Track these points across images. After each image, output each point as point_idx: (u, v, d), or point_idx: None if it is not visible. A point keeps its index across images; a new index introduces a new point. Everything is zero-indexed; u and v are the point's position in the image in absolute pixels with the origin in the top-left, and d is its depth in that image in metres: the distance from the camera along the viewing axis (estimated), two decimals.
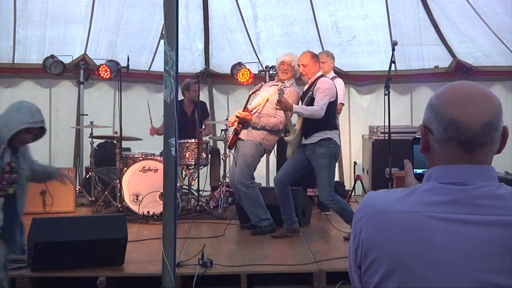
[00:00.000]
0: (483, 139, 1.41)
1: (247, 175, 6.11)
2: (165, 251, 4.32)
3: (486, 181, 1.41)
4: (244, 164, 6.11)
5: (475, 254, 1.35)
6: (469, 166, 1.42)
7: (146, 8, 8.80)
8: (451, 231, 1.38)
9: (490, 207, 1.38)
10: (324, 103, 5.61)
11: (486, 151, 1.43)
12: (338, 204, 5.80)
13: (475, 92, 1.45)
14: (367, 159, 8.58)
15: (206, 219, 6.89)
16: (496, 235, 1.35)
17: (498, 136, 1.44)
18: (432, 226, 1.39)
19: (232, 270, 4.70)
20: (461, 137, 1.41)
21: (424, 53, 9.24)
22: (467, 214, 1.38)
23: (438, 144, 1.46)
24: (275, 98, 5.85)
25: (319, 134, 5.67)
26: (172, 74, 4.40)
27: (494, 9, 8.24)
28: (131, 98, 8.94)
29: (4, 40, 9.02)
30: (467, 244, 1.36)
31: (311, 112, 5.62)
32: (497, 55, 8.86)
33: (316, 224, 6.75)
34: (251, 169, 6.18)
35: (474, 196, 1.39)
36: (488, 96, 1.45)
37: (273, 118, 6.08)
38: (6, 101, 9.17)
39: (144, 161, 6.99)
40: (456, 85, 1.51)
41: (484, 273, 1.34)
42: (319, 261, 4.93)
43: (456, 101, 1.44)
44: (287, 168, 5.95)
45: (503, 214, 1.36)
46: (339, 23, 9.07)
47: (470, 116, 1.40)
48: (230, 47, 9.56)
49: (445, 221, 1.39)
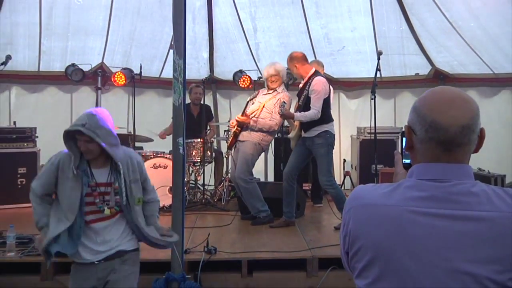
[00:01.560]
0: (461, 140, 1.43)
1: (246, 171, 6.12)
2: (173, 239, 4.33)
3: (462, 179, 1.43)
4: (244, 162, 6.12)
5: (450, 245, 1.38)
6: (447, 165, 1.44)
7: (157, 21, 8.79)
8: (429, 224, 1.40)
9: (465, 203, 1.40)
10: (319, 105, 5.67)
11: (463, 151, 1.45)
12: (336, 189, 5.84)
13: (454, 97, 1.47)
14: (355, 157, 8.58)
15: (211, 211, 6.90)
16: (469, 228, 1.38)
17: (475, 138, 1.45)
18: (412, 219, 1.42)
19: (234, 257, 4.72)
20: (440, 138, 1.43)
21: (406, 62, 9.24)
22: (444, 209, 1.40)
23: (420, 143, 1.48)
24: (270, 104, 6.07)
25: (316, 128, 5.72)
26: (180, 80, 4.41)
27: (467, 23, 8.24)
28: (143, 102, 8.93)
29: (31, 50, 9.01)
30: (443, 236, 1.38)
31: (309, 117, 5.67)
32: (471, 64, 8.85)
33: (309, 215, 6.74)
34: (250, 166, 6.19)
35: (451, 193, 1.41)
36: (466, 100, 1.48)
37: (269, 121, 6.09)
38: (32, 105, 9.28)
39: (155, 158, 6.98)
40: (437, 90, 1.53)
41: (458, 262, 1.36)
42: (312, 248, 4.95)
43: (437, 105, 1.46)
44: (292, 162, 5.96)
45: (477, 210, 1.39)
46: (330, 34, 9.08)
47: (449, 118, 1.42)
48: (232, 56, 9.55)
49: (424, 215, 1.41)
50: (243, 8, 8.99)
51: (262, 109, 6.11)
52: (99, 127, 3.23)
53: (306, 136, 5.79)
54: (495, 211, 1.38)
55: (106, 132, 3.25)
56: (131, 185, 3.35)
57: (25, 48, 8.97)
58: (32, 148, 7.39)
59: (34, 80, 9.32)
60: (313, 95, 5.68)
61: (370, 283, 1.48)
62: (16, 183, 7.18)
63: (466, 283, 1.35)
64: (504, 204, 1.40)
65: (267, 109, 6.11)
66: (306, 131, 5.78)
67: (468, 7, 8.03)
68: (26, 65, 9.08)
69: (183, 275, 4.32)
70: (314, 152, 5.79)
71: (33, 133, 7.48)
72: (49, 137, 8.16)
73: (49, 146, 7.95)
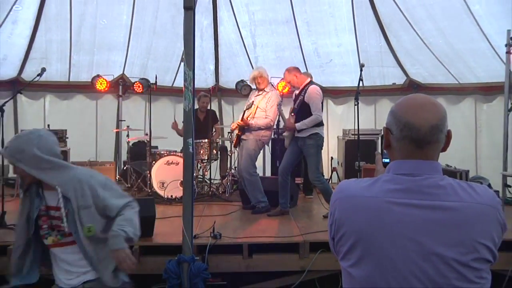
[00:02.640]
0: (430, 138, 1.47)
1: (250, 165, 6.11)
2: (184, 226, 4.31)
3: (432, 174, 1.46)
4: (248, 157, 6.11)
5: (421, 231, 1.41)
6: (419, 161, 1.48)
7: (170, 38, 8.77)
8: (403, 213, 1.43)
9: (434, 194, 1.43)
10: (319, 109, 5.68)
11: (433, 149, 1.49)
12: (323, 184, 5.82)
13: (425, 102, 1.51)
14: (341, 155, 8.56)
15: (216, 202, 6.89)
16: (438, 216, 1.41)
17: (443, 137, 1.49)
18: (389, 208, 1.45)
19: (236, 241, 4.70)
20: (413, 136, 1.46)
21: (385, 73, 9.22)
22: (416, 200, 1.43)
23: (396, 141, 1.51)
24: (262, 104, 6.09)
25: (309, 129, 5.68)
26: (190, 89, 4.39)
27: (437, 40, 8.24)
28: (158, 108, 8.90)
29: (62, 64, 9.02)
30: (415, 223, 1.42)
31: (311, 123, 5.66)
32: (440, 75, 8.83)
33: (301, 205, 6.73)
34: (253, 160, 6.18)
35: (422, 185, 1.44)
36: (435, 105, 1.52)
37: (265, 119, 6.07)
38: (63, 110, 9.32)
39: (168, 156, 6.96)
40: (411, 96, 1.56)
41: (428, 246, 1.39)
42: (304, 234, 4.93)
43: (410, 108, 1.49)
44: (286, 160, 5.94)
45: (444, 200, 1.43)
46: (319, 49, 9.06)
47: (420, 119, 1.46)
48: (235, 68, 9.54)
49: (399, 205, 1.44)
50: (244, 26, 8.97)
51: (256, 110, 6.10)
52: (20, 151, 2.56)
53: (299, 136, 5.76)
54: (459, 202, 1.42)
55: (31, 156, 2.56)
56: (79, 212, 2.63)
57: (58, 62, 8.97)
58: (63, 148, 7.36)
59: (65, 89, 9.36)
60: (311, 101, 5.65)
61: (353, 264, 1.51)
62: None
63: (435, 264, 1.38)
64: (468, 195, 1.44)
65: (260, 109, 6.09)
66: (299, 132, 5.75)
67: (437, 26, 8.02)
68: (58, 76, 9.10)
69: (193, 257, 4.31)
70: (305, 151, 5.77)
71: (64, 135, 7.47)
72: (77, 138, 8.19)
73: (77, 145, 8.00)
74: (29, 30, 8.57)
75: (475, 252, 1.38)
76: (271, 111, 6.07)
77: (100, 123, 9.39)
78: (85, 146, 8.80)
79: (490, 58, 7.91)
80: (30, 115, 9.21)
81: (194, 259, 4.31)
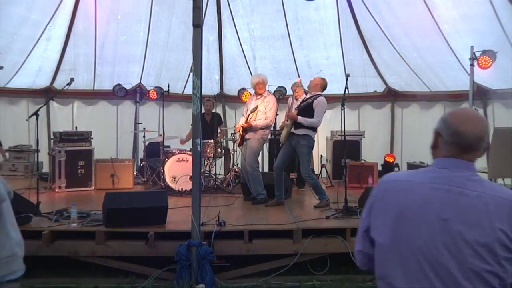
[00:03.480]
0: (475, 146, 1.52)
1: (254, 161, 6.08)
2: (193, 215, 4.32)
3: (465, 170, 1.51)
4: (251, 154, 6.07)
5: (446, 210, 1.45)
6: (458, 160, 1.52)
7: (181, 52, 8.77)
8: (432, 194, 1.49)
9: (463, 184, 1.48)
10: (321, 117, 5.72)
11: (474, 154, 1.53)
12: (313, 179, 5.81)
13: (475, 115, 1.57)
14: (329, 153, 8.54)
15: (221, 194, 6.86)
16: (462, 200, 1.45)
17: (484, 146, 1.53)
18: (423, 190, 1.51)
19: (238, 228, 4.70)
20: (461, 143, 1.51)
21: (367, 82, 9.20)
22: (446, 185, 1.48)
23: (444, 144, 1.55)
24: (262, 107, 6.06)
25: (305, 130, 5.67)
26: (198, 95, 4.40)
27: (411, 54, 8.24)
28: (170, 112, 8.88)
29: (88, 74, 9.02)
30: (442, 203, 1.46)
31: (310, 123, 5.66)
32: (414, 84, 8.82)
33: (295, 197, 6.71)
34: (256, 156, 6.15)
35: (454, 176, 1.50)
36: (483, 119, 1.58)
37: (264, 120, 6.05)
38: (89, 115, 9.33)
39: (179, 154, 6.94)
40: (463, 109, 1.65)
41: (452, 222, 1.43)
42: (297, 222, 4.93)
43: (462, 119, 1.54)
44: (281, 158, 5.92)
45: (469, 189, 1.46)
46: (310, 61, 9.04)
47: (470, 130, 1.51)
48: (237, 77, 9.52)
49: (431, 187, 1.49)
50: (245, 42, 8.96)
51: (257, 113, 6.07)
52: None
53: (294, 133, 5.72)
54: (482, 192, 1.46)
55: None
56: None
57: (84, 72, 8.96)
58: (88, 147, 7.35)
59: (90, 96, 9.36)
60: (317, 108, 5.66)
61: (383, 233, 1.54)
62: (77, 173, 7.14)
63: (455, 240, 1.41)
64: (492, 190, 1.48)
65: (260, 111, 6.07)
66: (297, 129, 5.70)
67: (411, 42, 8.02)
68: (84, 85, 9.08)
69: (200, 242, 4.31)
70: (298, 150, 5.74)
71: (89, 136, 7.45)
72: (100, 138, 8.17)
73: (101, 145, 8.00)
74: (60, 45, 8.58)
75: (492, 235, 1.40)
76: (269, 113, 6.06)
77: (120, 125, 9.38)
78: (107, 145, 8.79)
79: (456, 70, 7.90)
80: (60, 119, 9.20)
81: (201, 243, 4.31)
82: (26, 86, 8.94)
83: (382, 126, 9.36)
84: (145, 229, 4.57)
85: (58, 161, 7.04)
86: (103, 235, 4.58)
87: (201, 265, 4.25)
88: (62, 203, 5.82)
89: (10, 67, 8.39)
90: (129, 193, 5.72)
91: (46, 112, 9.04)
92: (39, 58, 8.58)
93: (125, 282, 4.39)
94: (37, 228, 4.66)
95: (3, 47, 7.91)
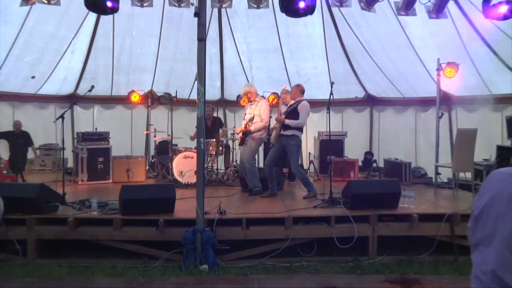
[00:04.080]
0: None
1: (252, 158, 6.06)
2: (198, 205, 4.32)
3: None
4: (250, 152, 6.05)
5: None
6: None
7: (187, 62, 8.71)
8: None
9: None
10: (305, 118, 5.71)
11: None
12: (301, 174, 5.82)
13: None
14: (317, 151, 8.54)
15: (222, 186, 6.85)
16: None
17: None
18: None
19: (237, 216, 4.69)
20: None
21: (349, 89, 9.22)
22: None
23: None
24: (256, 111, 6.02)
25: (293, 131, 5.67)
26: (202, 100, 4.39)
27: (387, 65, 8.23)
28: (177, 115, 8.87)
29: (106, 82, 8.99)
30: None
31: (297, 124, 5.66)
32: (389, 90, 8.84)
33: (286, 189, 6.69)
34: (254, 154, 6.13)
35: None
36: None
37: (260, 123, 6.01)
38: (107, 117, 9.31)
39: (186, 152, 6.94)
40: None
41: None
42: (288, 211, 4.92)
43: None
44: (270, 156, 5.93)
45: None
46: (300, 71, 9.02)
47: None
48: (236, 85, 9.48)
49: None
50: (243, 54, 8.94)
51: (254, 117, 6.07)
52: None
53: (284, 134, 5.72)
54: None
55: None
56: None
57: (103, 80, 8.94)
58: (107, 145, 7.34)
59: (108, 101, 9.35)
60: (301, 111, 5.66)
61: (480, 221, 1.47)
62: (97, 168, 7.14)
63: None
64: None
65: (256, 115, 6.04)
66: (285, 131, 5.71)
67: (387, 55, 8.03)
68: (103, 91, 9.05)
69: (204, 228, 4.31)
70: (287, 149, 5.72)
71: (107, 136, 7.44)
72: (117, 138, 8.16)
73: (117, 143, 7.99)
74: (83, 57, 8.57)
75: None
76: (264, 115, 6.01)
77: (135, 127, 9.36)
78: (123, 144, 8.78)
79: (426, 79, 7.92)
80: (82, 121, 9.18)
81: (205, 229, 4.31)
82: (53, 92, 8.93)
83: (362, 127, 9.37)
84: (156, 217, 4.57)
85: (80, 157, 7.03)
86: (120, 222, 4.57)
87: (204, 248, 4.26)
88: (84, 194, 5.82)
89: (41, 77, 8.42)
90: (142, 186, 5.70)
91: (70, 115, 9.02)
92: (65, 69, 8.56)
93: (138, 263, 4.38)
94: (63, 216, 4.66)
95: (35, 60, 7.92)
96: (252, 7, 4.89)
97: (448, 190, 6.54)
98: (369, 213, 4.69)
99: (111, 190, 6.34)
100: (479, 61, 7.18)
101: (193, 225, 4.33)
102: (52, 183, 5.63)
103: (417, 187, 6.72)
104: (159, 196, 4.76)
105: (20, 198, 4.53)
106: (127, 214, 4.64)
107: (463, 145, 5.80)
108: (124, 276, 4.11)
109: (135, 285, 3.91)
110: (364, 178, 7.54)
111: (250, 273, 4.17)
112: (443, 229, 4.62)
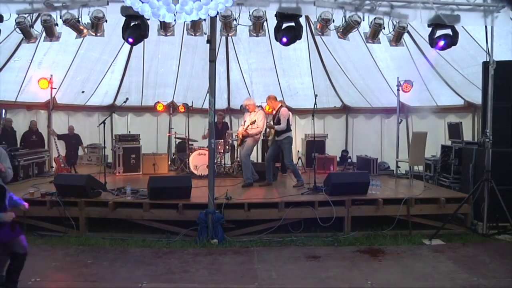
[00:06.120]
0: None
1: (247, 155, 5.98)
2: (209, 192, 4.33)
3: None
4: (246, 149, 5.99)
5: None
6: None
7: (201, 79, 8.62)
8: None
9: None
10: (284, 123, 5.62)
11: None
12: (293, 167, 5.80)
13: None
14: (304, 149, 8.48)
15: (228, 177, 6.81)
16: None
17: None
18: None
19: (241, 201, 4.69)
20: None
21: (330, 100, 9.16)
22: None
23: None
24: (254, 118, 5.95)
25: (284, 135, 5.65)
26: (212, 109, 4.40)
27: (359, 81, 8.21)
28: (194, 121, 8.79)
29: (137, 95, 8.94)
30: None
31: (280, 128, 5.64)
32: (361, 101, 8.80)
33: (280, 180, 6.63)
34: (249, 152, 6.04)
35: None
36: None
37: (256, 129, 5.96)
38: (138, 123, 9.22)
39: (199, 150, 6.91)
40: None
41: None
42: (281, 197, 4.93)
43: None
44: (270, 153, 5.92)
45: None
46: (290, 86, 8.94)
47: None
48: (239, 97, 9.38)
49: None
50: (246, 72, 8.86)
51: (250, 125, 6.00)
52: None
53: (278, 139, 5.72)
54: None
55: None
56: None
57: (135, 93, 8.88)
58: (138, 145, 7.34)
59: (139, 110, 9.27)
60: (282, 117, 5.63)
61: None
62: (130, 162, 7.14)
63: None
64: None
65: (253, 123, 5.96)
66: (278, 136, 5.70)
67: (359, 73, 8.01)
68: (135, 102, 8.99)
69: (214, 211, 4.32)
70: (282, 147, 5.71)
71: (138, 137, 7.44)
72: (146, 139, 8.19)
73: (146, 143, 8.05)
74: (120, 75, 8.53)
75: None
76: (260, 123, 5.94)
77: (159, 130, 9.32)
78: (150, 144, 8.75)
79: (388, 93, 7.91)
80: (119, 126, 9.16)
81: (215, 212, 4.32)
82: (97, 104, 8.91)
83: (339, 130, 9.34)
84: (176, 201, 4.58)
85: (118, 154, 7.04)
86: (148, 205, 4.58)
87: (215, 227, 4.27)
88: (120, 183, 5.83)
89: (88, 92, 8.47)
90: (165, 177, 5.73)
91: (110, 121, 8.96)
92: (106, 85, 8.55)
93: (163, 237, 4.40)
94: (105, 200, 4.70)
95: (85, 79, 8.02)
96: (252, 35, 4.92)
97: (405, 179, 6.54)
98: (345, 198, 4.70)
99: (141, 180, 6.32)
100: (428, 80, 7.28)
101: (206, 208, 4.35)
102: (97, 174, 5.66)
103: (382, 177, 6.72)
104: (179, 185, 4.76)
105: (73, 186, 4.64)
106: (153, 199, 4.65)
107: (417, 145, 5.89)
108: (152, 247, 4.14)
109: (160, 254, 3.94)
110: (341, 170, 7.54)
111: (251, 246, 4.20)
112: (401, 210, 4.66)
